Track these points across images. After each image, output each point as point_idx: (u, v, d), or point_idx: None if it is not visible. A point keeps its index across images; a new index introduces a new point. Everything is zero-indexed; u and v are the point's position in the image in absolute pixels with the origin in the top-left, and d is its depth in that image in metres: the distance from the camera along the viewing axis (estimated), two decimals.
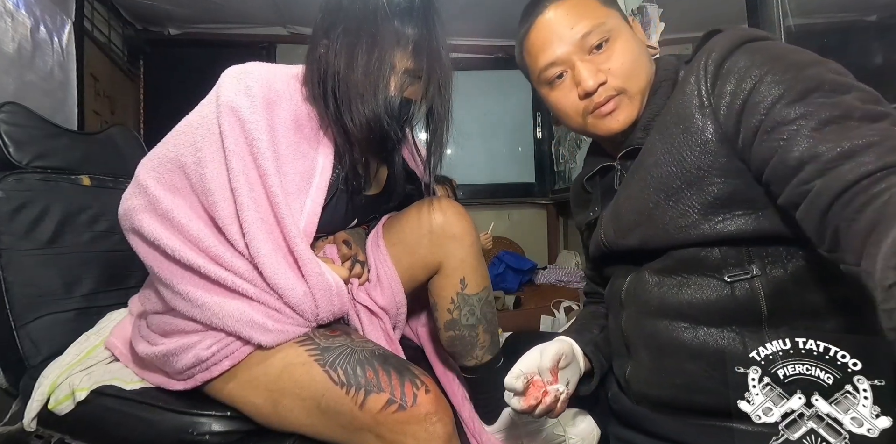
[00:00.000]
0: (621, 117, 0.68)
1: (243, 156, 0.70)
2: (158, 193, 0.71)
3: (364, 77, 0.74)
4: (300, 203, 0.76)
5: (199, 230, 0.70)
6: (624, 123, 0.68)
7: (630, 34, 0.70)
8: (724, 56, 0.60)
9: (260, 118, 0.72)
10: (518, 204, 2.94)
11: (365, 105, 0.74)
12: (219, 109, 0.72)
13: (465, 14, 2.40)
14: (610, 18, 0.69)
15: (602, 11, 0.69)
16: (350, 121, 0.75)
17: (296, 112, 0.77)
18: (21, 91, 1.40)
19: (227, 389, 0.72)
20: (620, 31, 0.69)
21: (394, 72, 0.75)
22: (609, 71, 0.67)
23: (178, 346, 0.71)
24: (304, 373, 0.68)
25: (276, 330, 0.69)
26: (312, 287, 0.71)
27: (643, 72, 0.68)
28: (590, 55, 0.68)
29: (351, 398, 0.65)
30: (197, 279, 0.70)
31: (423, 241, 0.86)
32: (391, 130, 0.76)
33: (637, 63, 0.68)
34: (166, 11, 2.32)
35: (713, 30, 0.66)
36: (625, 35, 0.69)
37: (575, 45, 0.68)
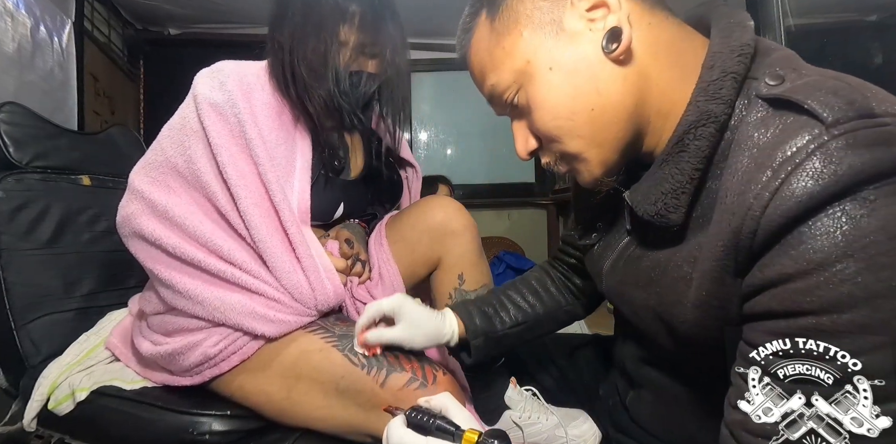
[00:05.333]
0: (586, 178, 0.51)
1: (229, 147, 0.72)
2: (154, 196, 0.73)
3: (314, 56, 0.77)
4: (290, 185, 0.77)
5: (196, 225, 0.71)
6: (593, 181, 0.51)
7: (554, 63, 0.46)
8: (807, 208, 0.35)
9: (241, 109, 0.74)
10: (518, 204, 2.94)
11: (319, 83, 0.77)
12: (198, 107, 0.73)
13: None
14: (512, 57, 0.48)
15: (502, 49, 0.49)
16: (308, 101, 0.78)
17: (270, 101, 0.79)
18: (21, 91, 1.40)
19: (238, 381, 0.72)
20: (534, 71, 0.47)
21: (343, 47, 0.78)
22: (540, 134, 0.50)
23: (184, 345, 0.71)
24: (323, 358, 0.69)
25: (278, 321, 0.70)
26: (305, 269, 0.73)
27: (585, 121, 0.46)
28: (515, 111, 0.52)
29: (372, 377, 0.66)
30: (198, 274, 0.71)
31: (423, 237, 0.87)
32: (347, 105, 0.79)
33: (571, 115, 0.46)
34: (166, 11, 2.31)
35: None
36: (540, 76, 0.47)
37: (496, 105, 0.53)
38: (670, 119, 0.48)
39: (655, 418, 0.63)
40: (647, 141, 0.50)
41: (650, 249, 0.52)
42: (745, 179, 0.39)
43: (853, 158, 0.34)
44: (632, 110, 0.47)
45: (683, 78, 0.46)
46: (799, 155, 0.36)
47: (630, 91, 0.46)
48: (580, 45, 0.46)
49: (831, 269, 0.35)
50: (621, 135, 0.48)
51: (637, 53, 0.46)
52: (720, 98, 0.43)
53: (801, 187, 0.35)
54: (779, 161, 0.37)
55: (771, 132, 0.40)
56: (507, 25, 0.48)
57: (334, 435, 0.71)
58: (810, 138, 0.36)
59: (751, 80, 0.44)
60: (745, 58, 0.44)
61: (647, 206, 0.48)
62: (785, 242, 0.37)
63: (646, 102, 0.47)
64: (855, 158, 0.34)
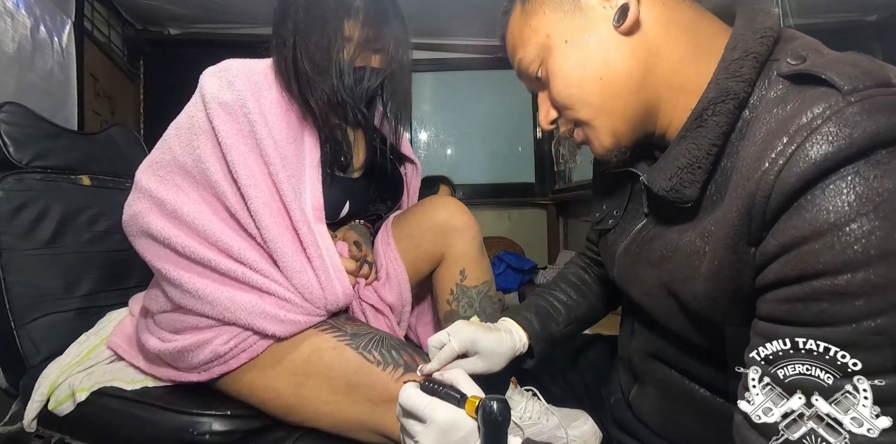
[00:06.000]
0: (596, 147, 0.55)
1: (239, 147, 0.72)
2: (163, 195, 0.73)
3: (317, 51, 0.76)
4: (301, 184, 0.77)
5: (207, 224, 0.71)
6: (603, 150, 0.54)
7: (569, 36, 0.51)
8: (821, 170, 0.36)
9: (250, 109, 0.73)
10: (518, 204, 2.94)
11: (323, 78, 0.77)
12: (206, 107, 0.73)
13: (465, 14, 2.40)
14: (537, 33, 0.54)
15: (529, 27, 0.54)
16: (311, 96, 0.78)
17: (279, 99, 0.79)
18: (21, 91, 1.40)
19: (247, 378, 0.72)
20: (553, 44, 0.52)
21: (347, 42, 0.78)
22: (556, 103, 0.55)
23: (193, 342, 0.71)
24: (336, 356, 0.69)
25: (288, 320, 0.70)
26: (316, 269, 0.73)
27: (594, 89, 0.51)
28: (539, 83, 0.57)
29: (388, 373, 0.67)
30: (208, 273, 0.71)
31: (427, 234, 0.88)
32: (351, 100, 0.79)
33: (581, 83, 0.51)
34: (166, 11, 2.31)
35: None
36: (557, 48, 0.52)
37: (524, 78, 0.58)
38: (683, 97, 0.49)
39: (659, 413, 0.63)
40: (660, 119, 0.52)
41: (665, 229, 0.53)
42: (762, 148, 0.40)
43: (868, 123, 0.35)
44: (640, 82, 0.49)
45: (699, 58, 0.49)
46: (816, 121, 0.37)
47: (638, 64, 0.49)
48: (593, 21, 0.51)
49: (845, 228, 0.35)
50: (630, 106, 0.51)
51: (648, 30, 0.49)
52: (740, 76, 0.44)
53: (815, 150, 0.36)
54: (795, 128, 0.38)
55: (790, 106, 0.41)
56: (535, 6, 0.54)
57: (338, 434, 0.71)
58: (827, 105, 0.37)
59: (773, 61, 0.45)
60: (768, 40, 0.45)
61: (663, 181, 0.49)
62: (798, 205, 0.37)
63: (654, 75, 0.49)
64: (870, 122, 0.35)
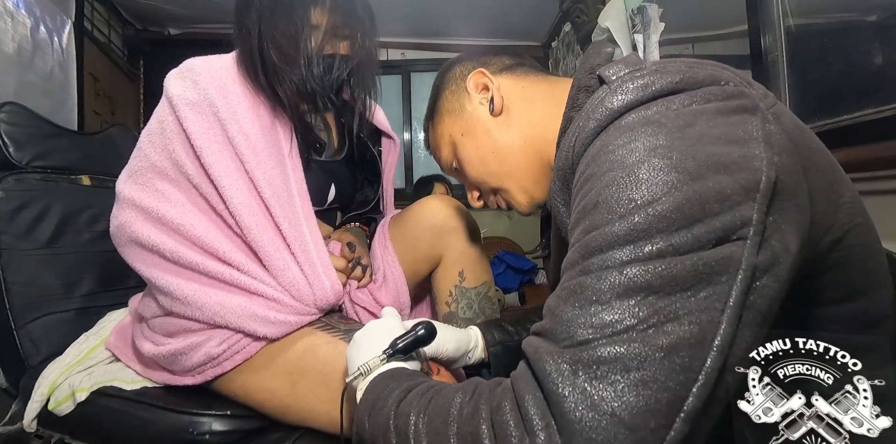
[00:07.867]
0: (516, 207, 0.65)
1: (211, 146, 0.71)
2: (146, 202, 0.72)
3: (284, 39, 0.75)
4: (284, 173, 0.76)
5: (192, 227, 0.71)
6: (522, 207, 0.64)
7: (464, 130, 0.64)
8: (584, 144, 0.46)
9: (219, 108, 0.72)
10: None
11: (291, 68, 0.76)
12: (175, 109, 0.73)
13: (465, 15, 2.40)
14: (444, 136, 0.67)
15: (438, 133, 0.68)
16: (279, 86, 0.76)
17: (245, 92, 0.77)
18: (21, 91, 1.40)
19: (241, 379, 0.72)
20: (456, 139, 0.65)
21: (314, 30, 0.77)
22: (473, 182, 0.66)
23: (186, 345, 0.71)
24: (330, 350, 0.69)
25: (278, 322, 0.70)
26: (301, 265, 0.72)
27: (492, 161, 0.62)
28: (459, 173, 0.68)
29: None
30: (196, 277, 0.71)
31: (425, 235, 0.87)
32: (320, 89, 0.78)
33: (482, 160, 0.63)
34: (166, 11, 2.32)
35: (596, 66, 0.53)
36: (459, 142, 0.65)
37: (448, 172, 0.71)
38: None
39: None
40: None
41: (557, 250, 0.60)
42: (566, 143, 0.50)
43: (619, 97, 0.44)
44: (522, 145, 0.61)
45: (559, 106, 0.58)
46: (593, 106, 0.46)
47: (516, 132, 0.61)
48: (476, 115, 0.64)
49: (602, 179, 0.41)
50: (524, 165, 0.61)
51: (513, 107, 0.62)
52: (577, 106, 0.54)
53: (589, 126, 0.45)
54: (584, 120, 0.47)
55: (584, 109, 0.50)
56: (439, 118, 0.68)
57: (335, 434, 0.70)
58: (600, 94, 0.46)
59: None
60: (595, 74, 0.53)
61: (550, 204, 0.56)
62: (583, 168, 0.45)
63: (531, 135, 0.61)
64: (620, 97, 0.44)
